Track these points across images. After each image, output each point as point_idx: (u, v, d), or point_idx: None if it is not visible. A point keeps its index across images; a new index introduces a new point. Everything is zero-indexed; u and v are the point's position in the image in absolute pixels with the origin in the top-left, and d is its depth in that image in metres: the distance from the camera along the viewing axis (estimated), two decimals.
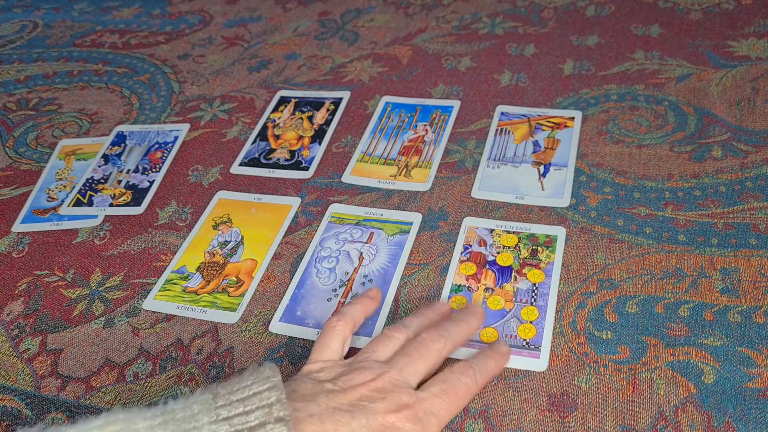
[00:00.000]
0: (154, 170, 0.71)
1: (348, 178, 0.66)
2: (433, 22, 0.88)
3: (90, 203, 0.69)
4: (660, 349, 0.48)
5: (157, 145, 0.75)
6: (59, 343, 0.56)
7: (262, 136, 0.74)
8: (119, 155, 0.74)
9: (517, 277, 0.54)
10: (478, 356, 0.46)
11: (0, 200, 0.71)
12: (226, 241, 0.62)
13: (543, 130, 0.68)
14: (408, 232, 0.60)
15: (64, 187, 0.71)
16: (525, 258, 0.56)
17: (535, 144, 0.66)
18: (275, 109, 0.77)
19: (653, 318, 0.50)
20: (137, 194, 0.69)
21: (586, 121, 0.68)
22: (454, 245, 0.58)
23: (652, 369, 0.47)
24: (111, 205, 0.68)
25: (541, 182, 0.62)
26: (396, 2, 0.94)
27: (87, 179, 0.71)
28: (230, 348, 0.53)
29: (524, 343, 0.50)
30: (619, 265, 0.54)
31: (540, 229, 0.58)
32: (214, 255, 0.61)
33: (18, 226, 0.68)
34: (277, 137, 0.73)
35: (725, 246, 0.54)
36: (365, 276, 0.57)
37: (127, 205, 0.68)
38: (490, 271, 0.55)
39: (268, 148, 0.72)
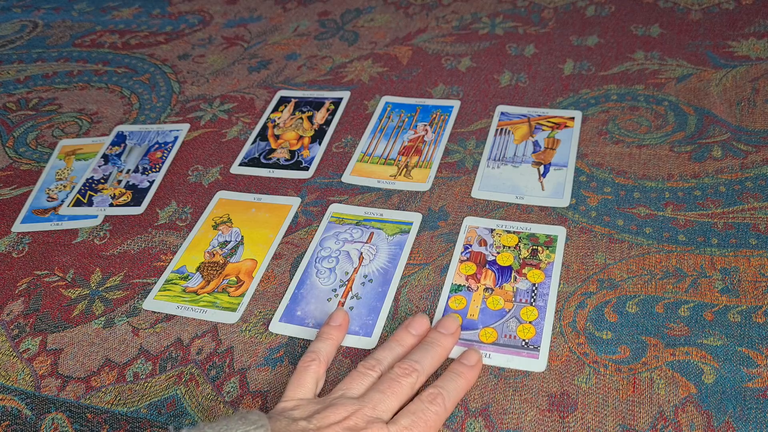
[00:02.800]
0: (154, 170, 0.71)
1: (348, 178, 0.67)
2: (433, 22, 0.88)
3: (90, 203, 0.68)
4: (660, 349, 0.48)
5: (157, 145, 0.74)
6: (59, 343, 0.56)
7: (262, 136, 0.74)
8: (119, 155, 0.74)
9: (517, 277, 0.54)
10: (446, 377, 0.47)
11: (0, 200, 0.71)
12: (226, 241, 0.62)
13: (543, 130, 0.68)
14: (408, 232, 0.60)
15: (64, 187, 0.71)
16: (525, 258, 0.56)
17: (535, 144, 0.66)
18: (275, 109, 0.77)
19: (653, 318, 0.50)
20: (137, 194, 0.69)
21: (586, 121, 0.68)
22: (454, 245, 0.58)
23: (652, 369, 0.47)
24: (111, 205, 0.68)
25: (541, 182, 0.62)
26: (396, 2, 0.94)
27: (87, 179, 0.71)
28: (230, 348, 0.53)
29: (523, 343, 0.50)
30: (619, 265, 0.54)
31: (540, 229, 0.58)
32: (214, 255, 0.61)
33: (18, 226, 0.67)
34: (277, 137, 0.73)
35: (725, 246, 0.54)
36: (365, 276, 0.57)
37: (127, 205, 0.67)
38: (489, 271, 0.55)
39: (268, 148, 0.72)
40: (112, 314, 0.57)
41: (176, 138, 0.75)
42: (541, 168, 0.64)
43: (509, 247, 0.57)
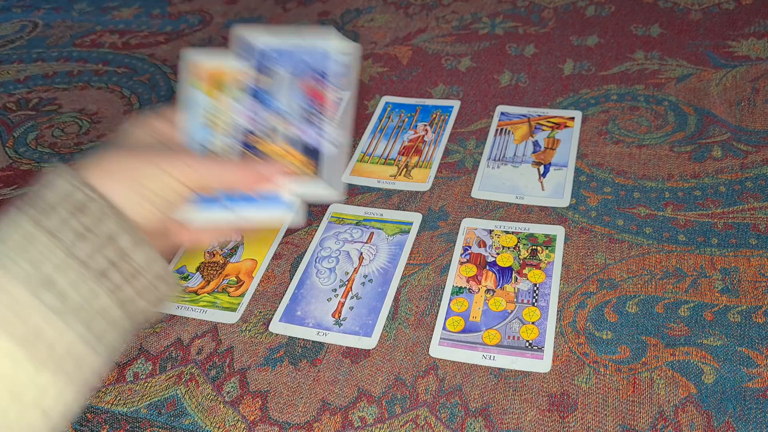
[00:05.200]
0: (320, 115, 0.44)
1: (348, 178, 0.66)
2: (433, 22, 0.88)
3: None
4: (660, 349, 0.48)
5: (312, 72, 0.45)
6: None
7: None
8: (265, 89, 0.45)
9: (518, 277, 0.54)
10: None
11: (0, 200, 0.71)
12: (226, 240, 0.62)
13: (543, 130, 0.68)
14: (408, 232, 0.60)
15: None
16: (525, 258, 0.56)
17: (535, 144, 0.66)
18: None
19: (653, 318, 0.50)
20: (314, 158, 0.43)
21: (586, 121, 0.68)
22: (454, 245, 0.58)
23: (652, 369, 0.47)
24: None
25: (541, 182, 0.62)
26: (396, 2, 0.94)
27: (240, 130, 0.45)
28: (230, 348, 0.53)
29: (527, 344, 0.50)
30: (619, 265, 0.54)
31: (539, 229, 0.58)
32: (214, 255, 0.61)
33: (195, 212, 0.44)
34: None
35: (725, 246, 0.54)
36: (365, 276, 0.57)
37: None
38: (490, 273, 0.55)
39: None
40: None
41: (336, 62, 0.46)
42: (541, 168, 0.64)
43: (508, 248, 0.57)
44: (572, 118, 0.69)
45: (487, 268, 0.55)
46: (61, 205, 0.38)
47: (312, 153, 0.43)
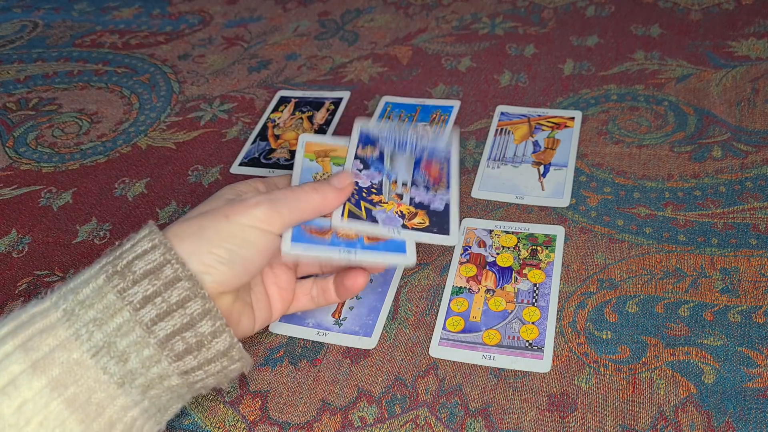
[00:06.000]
0: (437, 187, 0.51)
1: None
2: (433, 22, 0.88)
3: (372, 218, 0.48)
4: (660, 349, 0.48)
5: (427, 155, 0.53)
6: None
7: (262, 136, 0.74)
8: (379, 159, 0.52)
9: (518, 277, 0.54)
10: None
11: (0, 200, 0.71)
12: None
13: (543, 130, 0.68)
14: None
15: None
16: (525, 258, 0.56)
17: (535, 144, 0.66)
18: (275, 109, 0.77)
19: (653, 318, 0.50)
20: (435, 218, 0.50)
21: (586, 121, 0.68)
22: (454, 245, 0.58)
23: (652, 369, 0.47)
24: (404, 226, 0.48)
25: (541, 182, 0.62)
26: (396, 2, 0.94)
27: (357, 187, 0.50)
28: None
29: (527, 344, 0.50)
30: (619, 265, 0.54)
31: (538, 229, 0.58)
32: None
33: (289, 245, 0.45)
34: (277, 137, 0.73)
35: (725, 246, 0.54)
36: None
37: (427, 230, 0.49)
38: (490, 273, 0.55)
39: (268, 148, 0.72)
40: None
41: (449, 152, 0.53)
42: (541, 168, 0.64)
43: (508, 248, 0.57)
44: (572, 118, 0.69)
45: (487, 268, 0.55)
46: (150, 280, 0.38)
47: (424, 209, 0.50)
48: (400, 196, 0.50)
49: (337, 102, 0.77)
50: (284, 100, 0.78)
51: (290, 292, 0.48)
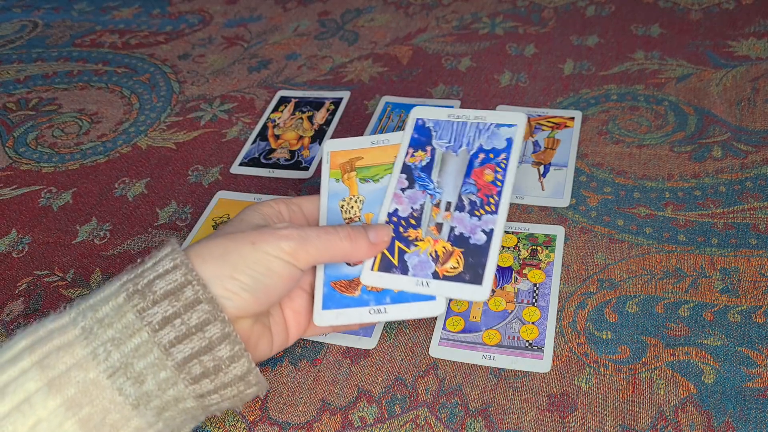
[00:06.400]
0: (488, 208, 0.43)
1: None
2: (433, 22, 0.88)
3: (403, 268, 0.43)
4: (660, 349, 0.48)
5: (483, 154, 0.45)
6: None
7: (262, 136, 0.74)
8: (428, 169, 0.44)
9: (518, 277, 0.54)
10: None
11: (0, 200, 0.71)
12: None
13: (543, 130, 0.68)
14: None
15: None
16: (525, 258, 0.56)
17: (535, 144, 0.66)
18: (275, 109, 0.77)
19: (653, 318, 0.50)
20: (471, 258, 0.42)
21: (586, 121, 0.68)
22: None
23: (652, 369, 0.47)
24: (436, 275, 0.42)
25: (541, 182, 0.62)
26: (396, 2, 0.94)
27: (391, 219, 0.44)
28: None
29: (527, 344, 0.50)
30: (619, 265, 0.54)
31: (538, 229, 0.58)
32: None
33: (321, 315, 0.46)
34: (277, 137, 0.73)
35: (725, 246, 0.54)
36: None
37: (459, 279, 0.42)
38: None
39: (268, 148, 0.72)
40: None
41: (510, 141, 0.44)
42: (541, 168, 0.64)
43: (508, 248, 0.57)
44: (572, 118, 0.69)
45: None
46: (170, 301, 0.38)
47: (463, 244, 0.44)
48: (439, 228, 0.45)
49: (337, 102, 0.77)
50: (284, 100, 0.78)
51: (306, 317, 0.48)
